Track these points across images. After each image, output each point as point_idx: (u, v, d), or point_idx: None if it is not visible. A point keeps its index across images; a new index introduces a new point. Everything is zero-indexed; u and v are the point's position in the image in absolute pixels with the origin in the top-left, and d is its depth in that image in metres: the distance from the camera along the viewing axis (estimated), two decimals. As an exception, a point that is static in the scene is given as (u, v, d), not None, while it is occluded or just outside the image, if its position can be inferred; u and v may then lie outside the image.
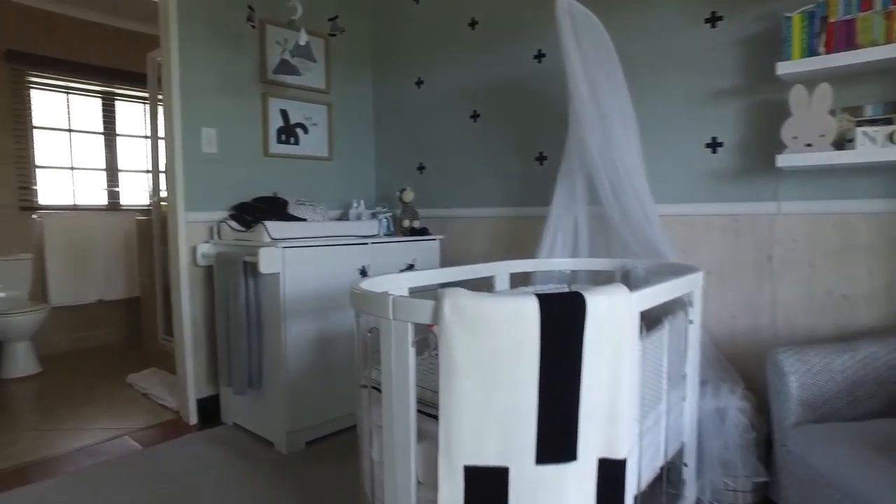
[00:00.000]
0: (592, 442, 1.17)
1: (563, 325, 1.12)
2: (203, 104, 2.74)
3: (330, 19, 2.89)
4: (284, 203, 2.78)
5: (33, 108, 4.12)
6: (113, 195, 4.54)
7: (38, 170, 4.15)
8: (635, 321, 1.25)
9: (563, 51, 1.99)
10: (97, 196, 4.47)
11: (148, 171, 4.67)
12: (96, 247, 4.29)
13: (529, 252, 2.50)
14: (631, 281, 2.06)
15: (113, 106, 4.53)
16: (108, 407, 3.04)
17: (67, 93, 4.29)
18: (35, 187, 4.12)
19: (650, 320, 1.50)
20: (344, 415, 2.60)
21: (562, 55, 2.01)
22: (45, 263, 4.06)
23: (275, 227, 2.47)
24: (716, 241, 2.21)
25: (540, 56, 2.71)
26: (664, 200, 2.29)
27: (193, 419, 2.76)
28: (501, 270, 2.15)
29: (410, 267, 2.87)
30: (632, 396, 1.23)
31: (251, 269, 2.42)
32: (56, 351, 4.22)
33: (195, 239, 2.72)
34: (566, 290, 2.15)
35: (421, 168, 3.29)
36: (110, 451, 2.46)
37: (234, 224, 2.67)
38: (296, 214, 2.77)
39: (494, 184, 2.94)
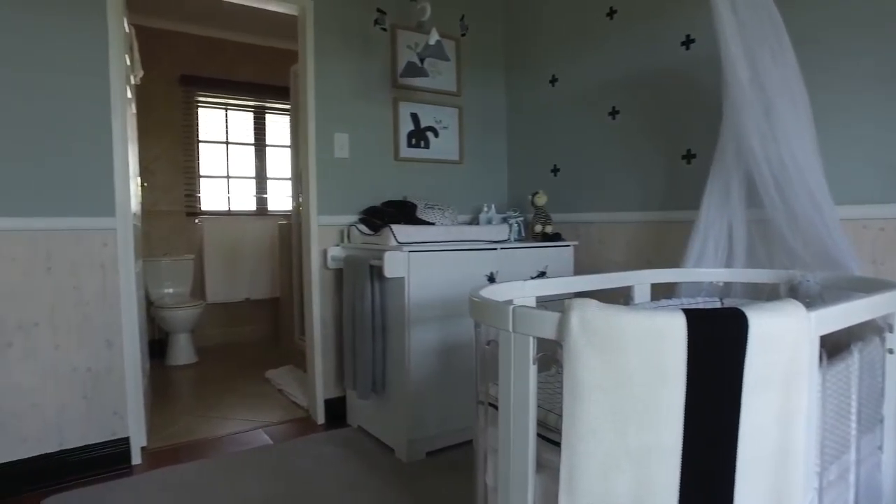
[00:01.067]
0: (756, 495, 0.95)
1: (717, 347, 0.91)
2: (336, 110, 2.81)
3: (460, 19, 2.84)
4: (413, 207, 2.76)
5: (200, 124, 4.58)
6: (261, 201, 4.91)
7: (201, 179, 4.60)
8: (814, 347, 1.00)
9: (717, 29, 1.73)
10: (248, 202, 4.85)
11: (290, 179, 4.98)
12: (245, 249, 4.66)
13: (673, 261, 2.22)
14: (800, 297, 1.74)
15: (263, 118, 4.90)
16: (247, 399, 3.23)
17: (226, 108, 4.72)
18: (199, 195, 4.57)
19: (832, 347, 1.22)
20: (466, 426, 2.50)
21: (716, 36, 1.74)
22: (203, 264, 4.49)
23: (401, 231, 2.45)
24: (919, 251, 1.79)
25: (688, 42, 2.42)
26: (844, 201, 1.90)
27: (321, 419, 2.82)
28: (642, 280, 1.92)
29: (542, 274, 2.71)
30: (809, 441, 0.98)
31: (377, 273, 2.41)
32: (210, 344, 4.62)
33: (326, 242, 2.79)
34: (718, 305, 1.87)
35: (555, 170, 3.12)
36: (246, 443, 2.58)
37: (362, 228, 2.69)
38: (424, 218, 2.73)
39: (635, 185, 2.68)
